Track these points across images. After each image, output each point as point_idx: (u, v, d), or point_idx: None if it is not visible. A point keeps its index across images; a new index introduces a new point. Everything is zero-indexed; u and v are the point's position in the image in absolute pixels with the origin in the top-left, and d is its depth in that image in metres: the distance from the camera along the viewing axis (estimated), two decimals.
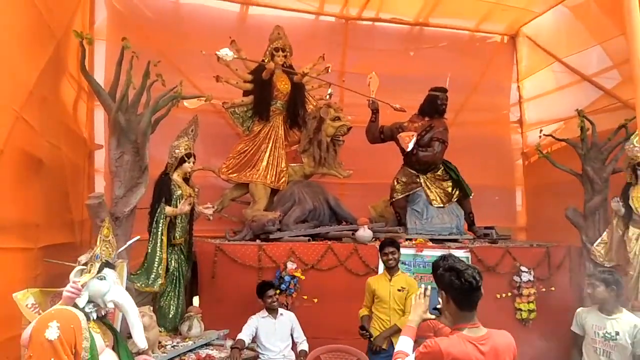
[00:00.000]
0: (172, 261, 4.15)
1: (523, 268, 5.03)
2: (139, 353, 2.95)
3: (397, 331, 3.74)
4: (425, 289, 2.43)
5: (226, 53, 5.13)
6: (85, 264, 2.50)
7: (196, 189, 4.51)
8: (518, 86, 8.10)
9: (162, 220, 4.00)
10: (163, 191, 4.10)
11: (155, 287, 3.90)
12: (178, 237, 4.19)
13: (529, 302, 4.95)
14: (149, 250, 3.96)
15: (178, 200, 4.14)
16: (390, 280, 3.97)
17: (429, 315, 2.38)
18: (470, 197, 6.10)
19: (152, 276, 3.89)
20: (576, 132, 5.74)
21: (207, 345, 3.99)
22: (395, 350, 2.30)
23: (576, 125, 5.65)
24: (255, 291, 4.27)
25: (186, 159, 4.28)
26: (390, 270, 4.00)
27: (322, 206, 5.96)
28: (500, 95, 8.19)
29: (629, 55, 2.93)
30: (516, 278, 5.01)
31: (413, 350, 2.23)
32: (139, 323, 2.51)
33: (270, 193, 5.97)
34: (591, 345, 3.33)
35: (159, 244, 3.96)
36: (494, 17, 7.61)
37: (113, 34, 5.98)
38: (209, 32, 6.60)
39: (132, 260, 4.32)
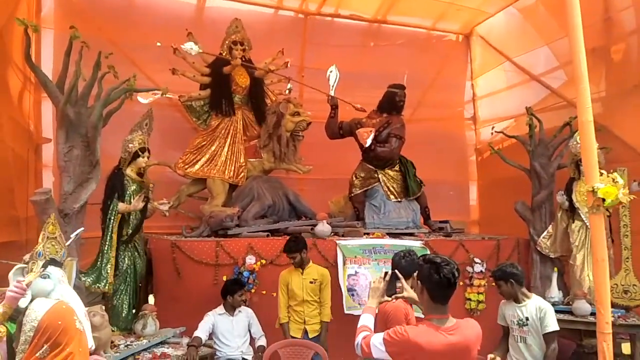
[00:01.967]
0: (125, 259, 4.04)
1: (476, 259, 5.22)
2: (90, 354, 2.86)
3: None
4: (386, 274, 2.51)
5: (191, 47, 5.04)
6: (27, 262, 2.39)
7: (150, 185, 4.40)
8: (472, 84, 8.36)
9: (113, 217, 3.88)
10: (116, 187, 3.99)
11: (101, 287, 3.77)
12: (130, 233, 4.08)
13: (478, 293, 5.15)
14: (100, 250, 3.83)
15: (132, 196, 4.04)
16: (302, 273, 4.10)
17: (386, 298, 2.49)
18: (413, 196, 6.22)
19: (101, 276, 3.76)
20: (525, 129, 5.99)
21: (163, 343, 3.92)
22: (358, 325, 2.36)
23: (525, 123, 5.90)
24: (222, 290, 4.23)
25: (140, 153, 4.17)
26: (300, 266, 4.15)
27: (281, 201, 5.95)
28: (455, 93, 8.43)
29: (571, 56, 3.07)
30: (469, 269, 5.20)
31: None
32: (86, 322, 2.43)
33: (228, 188, 5.91)
34: (511, 335, 3.52)
35: (108, 242, 3.84)
36: (449, 17, 7.80)
37: (61, 23, 5.70)
38: (165, 23, 6.43)
39: (86, 258, 4.19)
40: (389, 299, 2.52)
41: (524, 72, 7.10)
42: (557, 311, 4.63)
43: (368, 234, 5.64)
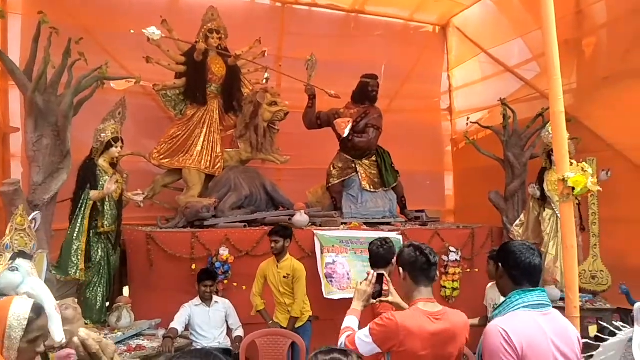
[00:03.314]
0: (99, 250, 3.96)
1: (452, 248, 5.31)
2: (61, 347, 2.81)
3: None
4: (372, 276, 2.36)
5: (153, 32, 4.91)
6: None
7: (125, 175, 4.32)
8: (448, 75, 8.44)
9: (85, 206, 3.79)
10: (87, 177, 3.89)
11: (72, 274, 3.67)
12: (107, 225, 4.00)
13: (453, 281, 5.25)
14: (66, 238, 3.73)
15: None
16: (277, 266, 4.12)
17: (372, 301, 2.37)
18: (389, 186, 6.28)
19: (70, 265, 3.67)
20: (500, 120, 6.11)
21: (138, 335, 3.87)
22: (342, 327, 2.30)
23: (500, 113, 6.00)
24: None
25: (113, 143, 4.08)
26: (278, 256, 4.13)
27: (258, 192, 5.92)
28: (431, 84, 8.50)
29: (544, 49, 3.14)
30: (444, 257, 5.28)
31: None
32: (56, 316, 2.39)
33: (205, 179, 5.84)
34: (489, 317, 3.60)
35: (77, 231, 3.74)
36: (427, 8, 7.84)
37: (29, 8, 5.50)
38: (139, 10, 6.29)
39: (57, 251, 4.08)
40: (374, 301, 2.41)
41: (498, 64, 7.20)
42: None
43: (345, 223, 5.67)
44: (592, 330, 4.96)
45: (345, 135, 5.91)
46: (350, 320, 2.28)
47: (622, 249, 4.93)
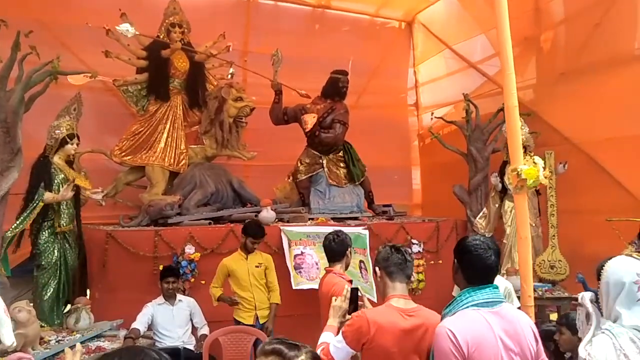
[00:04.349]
0: (55, 251, 3.83)
1: (414, 240, 5.38)
2: (14, 351, 2.71)
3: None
4: (347, 291, 2.33)
5: (127, 29, 4.81)
6: None
7: (82, 172, 4.19)
8: (414, 71, 8.53)
9: (36, 205, 3.64)
10: (41, 175, 3.75)
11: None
12: (64, 224, 3.87)
13: (418, 273, 5.32)
14: (4, 235, 3.58)
15: (60, 185, 3.82)
16: (246, 258, 4.11)
17: (347, 317, 2.29)
18: (357, 181, 6.32)
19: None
20: (464, 115, 6.21)
21: (98, 337, 3.78)
22: (318, 343, 2.22)
23: (462, 108, 6.11)
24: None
25: (68, 140, 3.94)
26: (244, 250, 4.14)
27: (225, 189, 5.85)
28: (398, 80, 8.58)
29: (499, 44, 3.20)
30: (408, 250, 5.34)
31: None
32: (5, 319, 2.32)
33: (169, 176, 5.73)
34: None
35: (18, 222, 3.58)
36: (392, 4, 7.89)
37: None
38: (97, 3, 6.08)
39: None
40: (350, 316, 2.32)
41: (462, 60, 7.31)
42: None
43: (313, 219, 5.67)
44: (553, 317, 5.14)
45: (307, 130, 5.90)
46: (327, 336, 2.23)
47: (579, 239, 5.11)
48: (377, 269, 2.28)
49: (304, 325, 3.00)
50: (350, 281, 2.88)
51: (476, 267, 1.96)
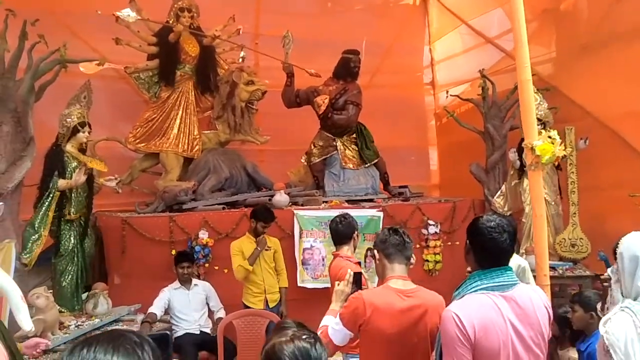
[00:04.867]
0: (71, 238, 3.89)
1: (430, 221, 5.30)
2: (35, 335, 2.78)
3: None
4: (350, 276, 2.27)
5: (128, 14, 4.76)
6: None
7: (97, 159, 4.23)
8: (430, 49, 8.32)
9: (52, 195, 3.70)
10: (55, 164, 3.79)
11: (23, 260, 3.58)
12: (74, 212, 3.92)
13: (435, 254, 5.26)
14: (27, 225, 3.65)
15: (73, 173, 3.85)
16: (256, 242, 4.10)
17: None
18: (369, 163, 6.25)
19: (23, 252, 3.58)
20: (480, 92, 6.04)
21: (117, 321, 3.85)
22: (320, 326, 2.20)
23: (478, 85, 5.94)
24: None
25: (80, 128, 3.97)
26: (254, 234, 4.13)
27: (239, 173, 5.86)
28: (413, 58, 8.37)
29: (512, 15, 3.06)
30: (424, 231, 5.29)
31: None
32: (23, 305, 2.35)
33: (184, 162, 5.76)
34: None
35: (39, 220, 3.65)
36: None
37: None
38: None
39: None
40: None
41: (479, 35, 7.09)
42: None
43: (327, 202, 5.64)
44: None
45: (320, 113, 5.84)
46: (327, 319, 2.20)
47: (600, 215, 4.95)
48: (375, 251, 2.24)
49: (314, 308, 2.97)
50: (359, 263, 2.86)
51: (489, 250, 1.85)
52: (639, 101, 4.72)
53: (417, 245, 5.33)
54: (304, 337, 1.32)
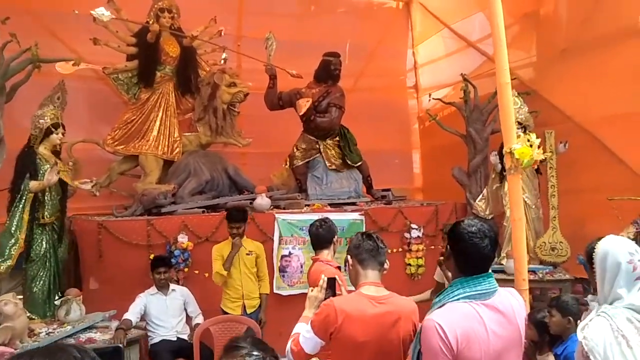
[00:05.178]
0: (43, 242, 3.78)
1: (413, 225, 5.29)
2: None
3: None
4: (323, 281, 2.21)
5: (102, 13, 4.67)
6: None
7: (70, 163, 4.12)
8: (413, 52, 8.34)
9: (25, 197, 3.59)
10: (27, 166, 3.68)
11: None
12: (47, 215, 3.81)
13: (417, 258, 5.25)
14: (3, 231, 3.55)
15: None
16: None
17: None
18: (353, 165, 6.24)
19: (4, 255, 3.47)
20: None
21: (90, 328, 3.73)
22: (292, 333, 2.17)
23: (460, 88, 5.96)
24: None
25: (53, 129, 3.86)
26: (242, 236, 4.06)
27: (220, 176, 5.77)
28: (397, 61, 8.39)
29: (490, 20, 3.06)
30: (407, 235, 5.27)
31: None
32: None
33: (163, 165, 5.66)
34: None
35: (15, 225, 3.56)
36: None
37: None
38: None
39: None
40: None
41: (461, 39, 7.13)
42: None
43: (309, 205, 5.60)
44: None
45: (301, 113, 5.80)
46: (299, 327, 2.15)
47: (580, 219, 5.00)
48: (349, 257, 2.19)
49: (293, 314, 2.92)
50: (339, 268, 2.81)
51: (470, 257, 1.79)
52: (617, 105, 4.79)
53: (400, 249, 5.33)
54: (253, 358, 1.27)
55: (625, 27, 4.88)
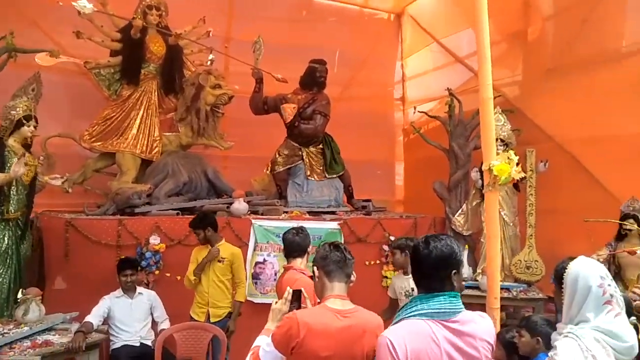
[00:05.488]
0: (5, 238, 3.62)
1: (391, 237, 5.22)
2: None
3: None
4: (288, 293, 2.15)
5: (84, 4, 4.58)
6: None
7: (41, 157, 3.99)
8: (402, 64, 8.36)
9: None
10: None
11: None
12: (12, 210, 3.66)
13: (394, 271, 5.18)
14: None
15: None
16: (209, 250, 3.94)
17: None
18: (334, 174, 6.22)
19: None
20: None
21: (49, 330, 3.57)
22: (252, 346, 2.08)
23: (445, 103, 5.97)
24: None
25: (25, 121, 3.73)
26: (208, 243, 3.96)
27: (199, 178, 5.67)
28: (385, 73, 8.41)
29: (476, 35, 3.04)
30: (385, 247, 5.22)
31: None
32: None
33: (141, 164, 5.54)
34: (400, 305, 3.55)
35: None
36: None
37: None
38: None
39: None
40: None
41: (449, 54, 7.15)
42: (466, 287, 4.79)
43: (287, 212, 5.52)
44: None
45: (288, 121, 5.73)
46: (260, 340, 2.06)
47: (557, 239, 4.98)
48: (315, 269, 2.12)
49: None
50: (312, 277, 2.73)
51: (429, 275, 1.76)
52: (598, 127, 4.82)
53: (377, 261, 5.27)
54: None
55: (608, 50, 4.94)
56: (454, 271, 1.74)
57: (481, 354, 1.72)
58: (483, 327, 1.77)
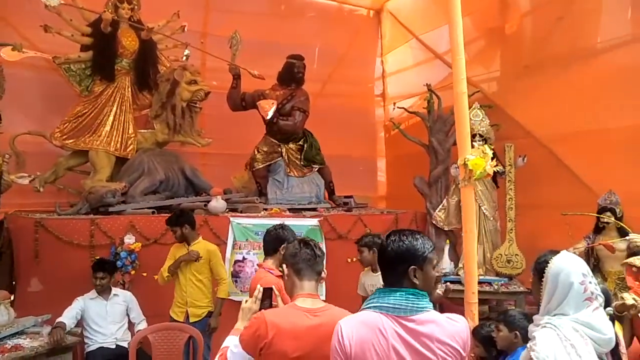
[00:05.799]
0: None
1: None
2: None
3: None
4: (258, 292, 2.09)
5: None
6: None
7: (7, 155, 3.84)
8: (382, 60, 8.34)
9: None
10: None
11: None
12: None
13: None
14: None
15: None
16: (187, 249, 3.87)
17: None
18: (314, 168, 6.19)
19: None
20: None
21: (20, 334, 3.45)
22: (222, 346, 2.02)
23: (424, 99, 5.96)
24: None
25: None
26: (185, 241, 3.90)
27: (176, 176, 5.55)
28: (365, 69, 8.38)
29: (450, 29, 3.03)
30: None
31: None
32: None
33: (116, 162, 5.39)
34: None
35: None
36: None
37: None
38: None
39: None
40: None
41: (428, 50, 7.15)
42: (447, 281, 4.80)
43: (267, 209, 5.45)
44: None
45: (268, 117, 5.66)
46: (229, 340, 2.00)
47: (536, 233, 5.03)
48: (284, 266, 2.06)
49: None
50: (281, 276, 2.67)
51: (385, 269, 1.74)
52: (575, 123, 4.86)
53: (357, 258, 5.22)
54: None
55: (584, 46, 4.98)
56: (412, 267, 1.68)
57: (437, 356, 1.62)
58: (448, 330, 1.65)
